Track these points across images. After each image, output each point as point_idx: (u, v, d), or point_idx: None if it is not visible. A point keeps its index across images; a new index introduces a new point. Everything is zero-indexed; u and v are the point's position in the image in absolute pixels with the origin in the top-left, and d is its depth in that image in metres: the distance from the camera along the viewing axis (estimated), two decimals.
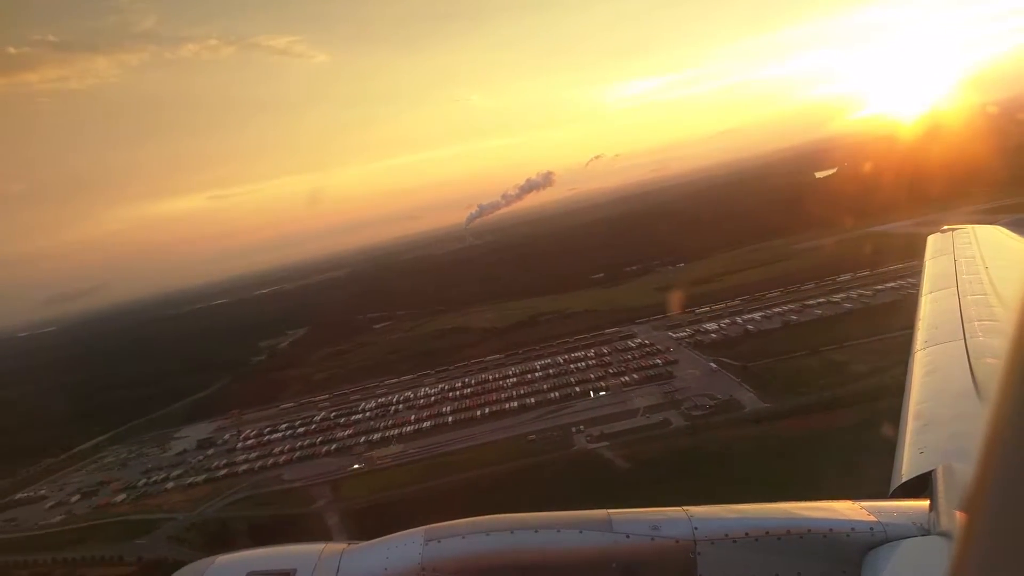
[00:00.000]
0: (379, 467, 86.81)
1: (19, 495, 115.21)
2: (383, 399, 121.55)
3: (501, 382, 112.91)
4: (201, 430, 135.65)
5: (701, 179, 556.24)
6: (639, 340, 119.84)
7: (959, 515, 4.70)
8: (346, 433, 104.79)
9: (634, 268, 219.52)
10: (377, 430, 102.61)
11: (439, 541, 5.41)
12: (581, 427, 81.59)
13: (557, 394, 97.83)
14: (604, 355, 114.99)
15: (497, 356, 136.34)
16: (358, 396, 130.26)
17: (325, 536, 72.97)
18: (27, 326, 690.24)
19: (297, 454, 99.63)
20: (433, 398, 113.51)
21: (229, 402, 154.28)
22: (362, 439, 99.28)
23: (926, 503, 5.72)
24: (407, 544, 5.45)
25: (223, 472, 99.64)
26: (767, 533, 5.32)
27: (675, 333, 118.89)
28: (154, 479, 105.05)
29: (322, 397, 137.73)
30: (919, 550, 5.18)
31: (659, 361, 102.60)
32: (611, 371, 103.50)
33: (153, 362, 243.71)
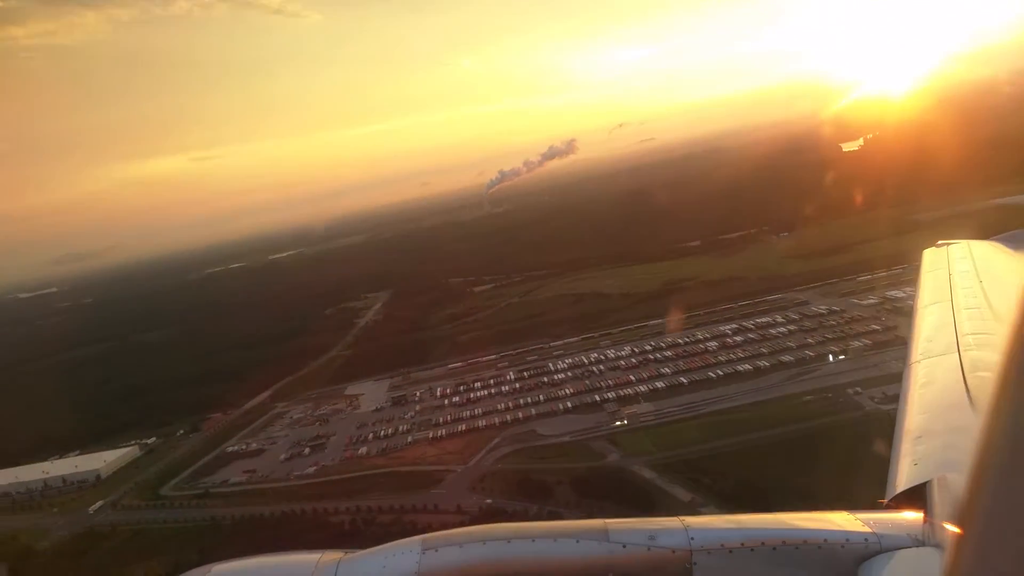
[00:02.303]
0: (644, 424, 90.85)
1: (229, 448, 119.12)
2: (570, 360, 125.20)
3: (701, 346, 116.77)
4: (372, 388, 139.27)
5: (703, 150, 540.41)
6: (822, 307, 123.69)
7: (952, 527, 4.86)
8: (567, 392, 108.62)
9: (733, 236, 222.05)
10: (600, 389, 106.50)
11: (436, 550, 5.48)
12: (857, 389, 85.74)
13: (790, 357, 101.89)
14: (797, 320, 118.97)
15: (659, 321, 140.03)
16: (534, 357, 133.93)
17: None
18: (27, 287, 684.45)
19: (533, 411, 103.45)
20: (634, 360, 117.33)
21: (379, 361, 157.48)
22: (596, 397, 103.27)
23: (921, 515, 5.87)
24: (404, 553, 5.52)
25: (462, 427, 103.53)
26: (763, 543, 5.45)
27: (860, 300, 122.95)
28: (383, 433, 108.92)
29: (490, 357, 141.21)
30: (913, 561, 5.28)
31: (876, 327, 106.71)
32: (828, 336, 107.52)
33: (248, 323, 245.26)
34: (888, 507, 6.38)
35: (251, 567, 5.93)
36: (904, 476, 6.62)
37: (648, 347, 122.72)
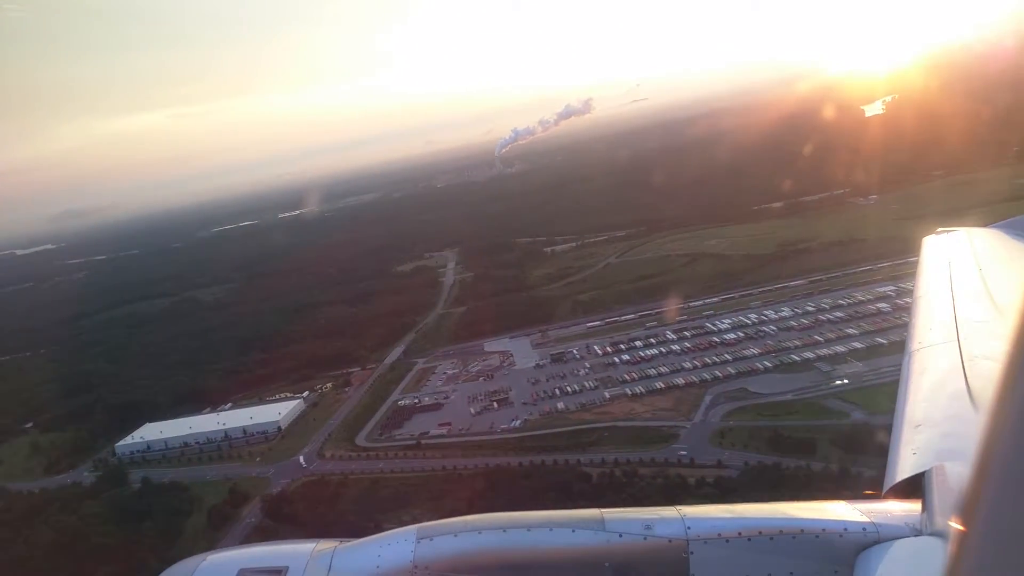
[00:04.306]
0: (870, 383, 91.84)
1: (400, 402, 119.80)
2: (729, 320, 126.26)
3: (870, 307, 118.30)
4: (513, 345, 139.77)
5: (712, 111, 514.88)
6: None
7: (952, 517, 4.93)
8: (754, 351, 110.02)
9: (816, 198, 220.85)
10: (792, 349, 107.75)
11: (431, 539, 5.56)
12: None
13: None
14: None
15: (800, 282, 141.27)
16: (684, 317, 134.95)
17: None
18: (19, 243, 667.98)
19: (730, 369, 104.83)
20: (804, 320, 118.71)
21: (500, 320, 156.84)
22: (794, 357, 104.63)
23: (919, 504, 5.89)
24: (399, 542, 5.60)
25: (659, 384, 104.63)
26: (760, 533, 5.51)
27: None
28: (569, 389, 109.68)
29: (628, 316, 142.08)
30: (912, 550, 5.32)
31: None
32: None
33: (315, 280, 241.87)
34: (886, 496, 6.47)
35: (246, 556, 5.97)
36: (903, 465, 6.67)
37: (810, 307, 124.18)
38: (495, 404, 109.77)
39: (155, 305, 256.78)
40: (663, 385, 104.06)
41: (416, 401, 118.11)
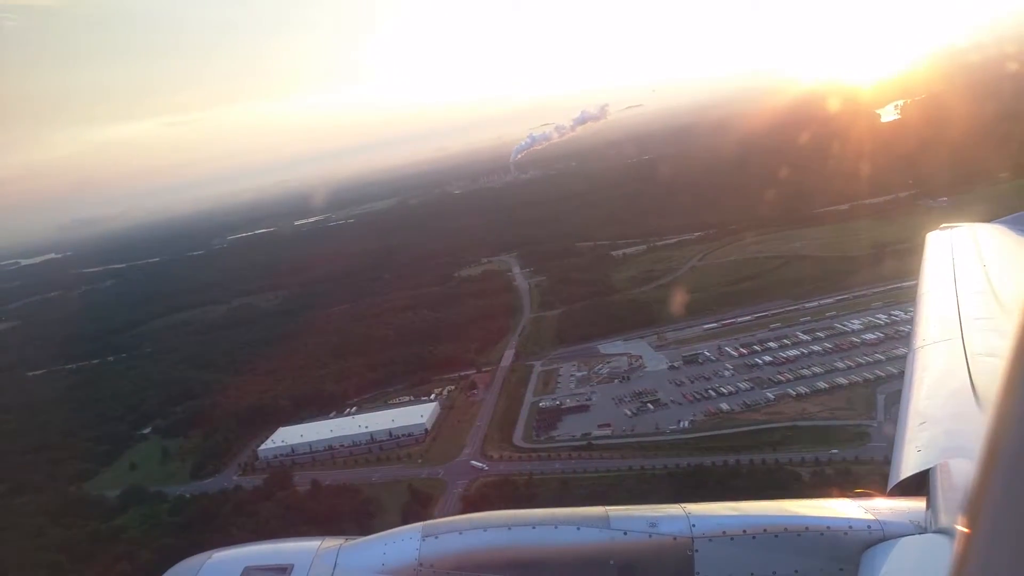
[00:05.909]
0: None
1: (541, 404, 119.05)
2: (858, 321, 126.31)
3: None
4: (632, 347, 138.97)
5: (715, 118, 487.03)
6: None
7: (957, 515, 4.93)
8: (905, 351, 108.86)
9: (880, 200, 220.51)
10: None
11: (436, 537, 5.61)
12: None
13: None
14: None
15: (914, 283, 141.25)
16: (807, 318, 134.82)
17: None
18: (16, 252, 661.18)
19: (890, 368, 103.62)
20: None
21: (604, 322, 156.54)
22: None
23: (923, 501, 5.89)
24: (404, 540, 5.65)
25: (820, 384, 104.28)
26: (765, 530, 5.54)
27: None
28: (724, 391, 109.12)
29: (746, 318, 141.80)
30: (916, 548, 5.32)
31: None
32: None
33: (376, 286, 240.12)
34: (891, 494, 6.49)
35: (251, 553, 5.98)
36: (907, 463, 6.67)
37: None
38: (650, 405, 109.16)
39: (211, 312, 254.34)
40: (826, 385, 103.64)
41: (559, 403, 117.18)
